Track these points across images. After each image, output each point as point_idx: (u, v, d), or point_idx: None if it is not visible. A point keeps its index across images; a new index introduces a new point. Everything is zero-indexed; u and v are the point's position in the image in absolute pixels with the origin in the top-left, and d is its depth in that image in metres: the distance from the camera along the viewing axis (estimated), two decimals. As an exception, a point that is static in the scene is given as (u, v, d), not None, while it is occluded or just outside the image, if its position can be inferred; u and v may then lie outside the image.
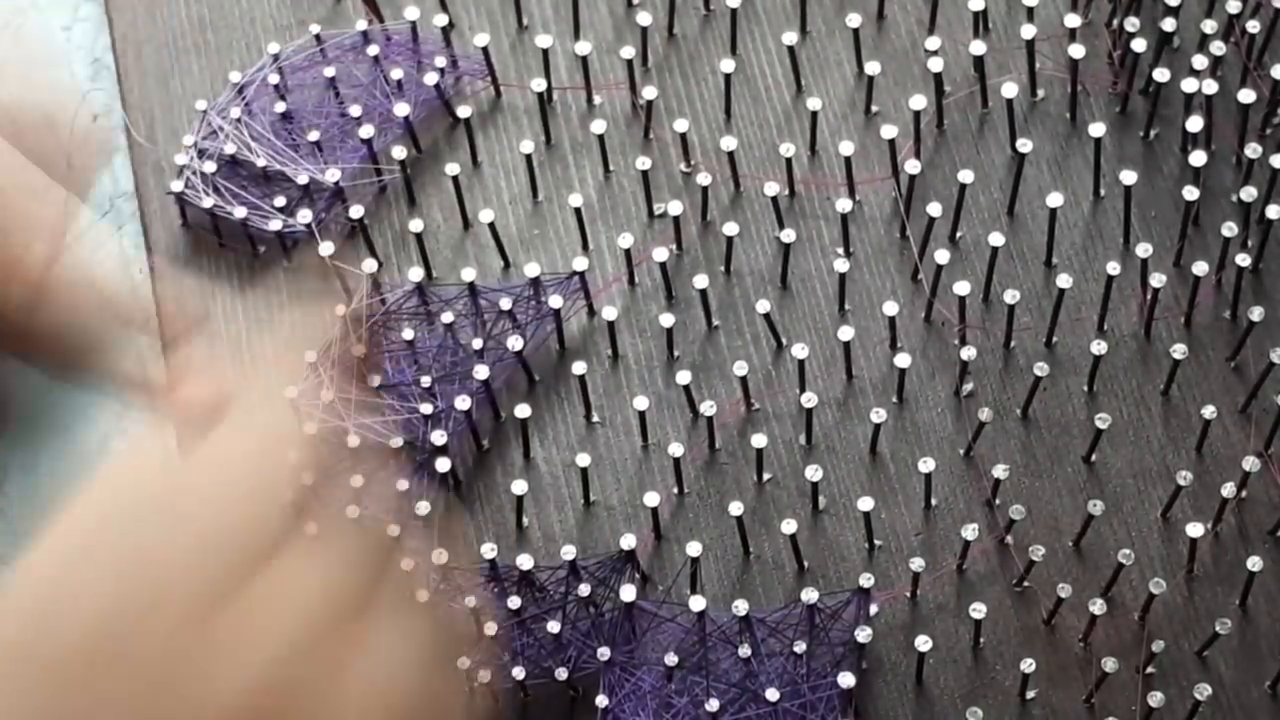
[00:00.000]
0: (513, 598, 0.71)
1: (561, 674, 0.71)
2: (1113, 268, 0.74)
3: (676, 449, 0.73)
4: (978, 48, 0.79)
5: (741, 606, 0.70)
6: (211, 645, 0.53)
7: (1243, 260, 0.75)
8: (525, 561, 0.71)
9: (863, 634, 0.70)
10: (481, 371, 0.74)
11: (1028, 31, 0.78)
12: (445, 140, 0.81)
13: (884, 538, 0.74)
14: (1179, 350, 0.73)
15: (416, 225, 0.78)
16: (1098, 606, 0.70)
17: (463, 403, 0.74)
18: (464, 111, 0.80)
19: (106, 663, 0.53)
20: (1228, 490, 0.72)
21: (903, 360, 0.75)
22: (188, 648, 0.53)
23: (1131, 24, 0.78)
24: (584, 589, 0.71)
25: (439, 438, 0.73)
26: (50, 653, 0.53)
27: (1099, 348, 0.74)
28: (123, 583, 0.54)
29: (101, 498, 0.57)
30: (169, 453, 0.60)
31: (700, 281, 0.76)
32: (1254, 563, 0.70)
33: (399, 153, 0.79)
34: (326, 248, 0.78)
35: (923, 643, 0.70)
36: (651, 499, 0.72)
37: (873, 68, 0.79)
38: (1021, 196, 0.78)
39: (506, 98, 0.82)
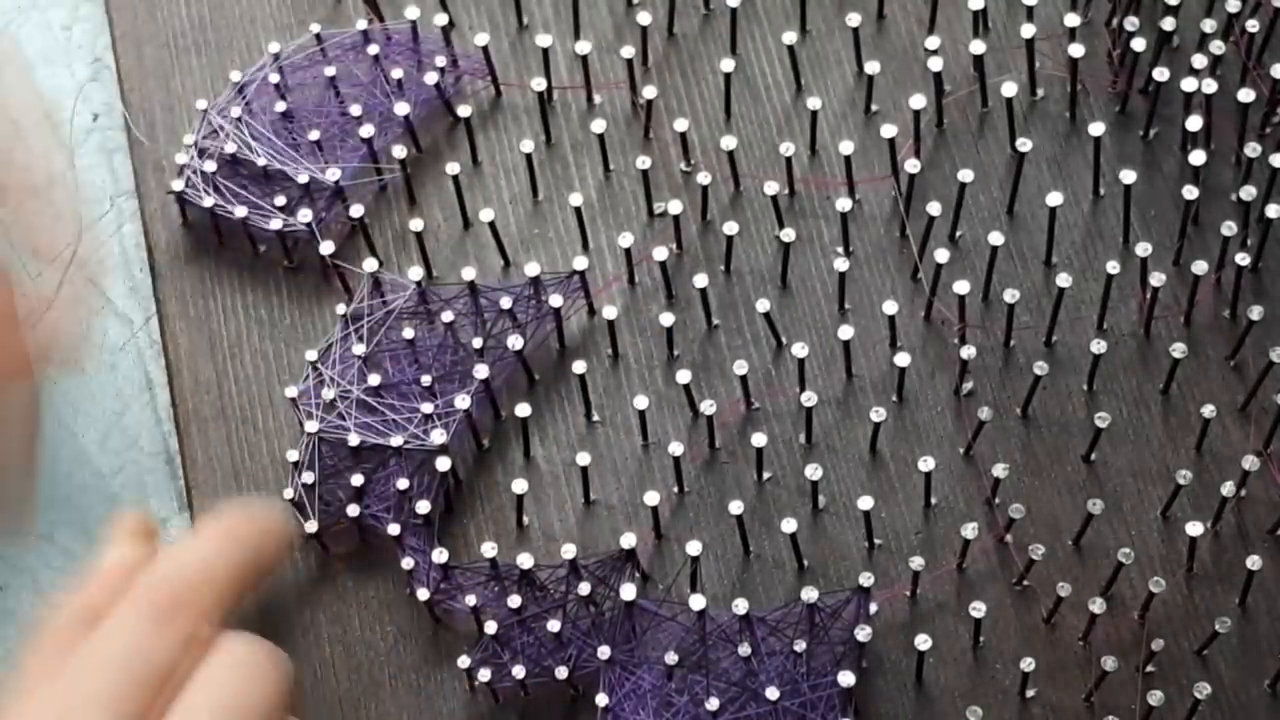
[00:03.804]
0: (513, 597, 0.71)
1: (562, 673, 0.71)
2: (1112, 267, 0.74)
3: (676, 448, 0.73)
4: (977, 47, 0.79)
5: (741, 605, 0.70)
6: None
7: (1242, 259, 0.75)
8: (525, 560, 0.71)
9: (863, 633, 0.70)
10: (481, 371, 0.74)
11: (1027, 31, 0.78)
12: (445, 140, 0.81)
13: (884, 537, 0.74)
14: (1178, 349, 0.73)
15: (417, 224, 0.78)
16: (1097, 605, 0.70)
17: (463, 402, 0.74)
18: (464, 111, 0.80)
19: None
20: (1227, 489, 0.72)
21: (902, 359, 0.75)
22: None
23: (1131, 23, 0.78)
24: (584, 588, 0.71)
25: (439, 437, 0.74)
26: None
27: (1098, 347, 0.74)
28: None
29: None
30: None
31: (700, 281, 0.76)
32: (1254, 562, 0.70)
33: (399, 152, 0.79)
34: (327, 247, 0.78)
35: (923, 641, 0.70)
36: (651, 498, 0.72)
37: (872, 67, 0.79)
38: (1021, 196, 0.78)
39: (506, 97, 0.82)
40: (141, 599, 0.64)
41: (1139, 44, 0.78)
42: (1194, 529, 0.71)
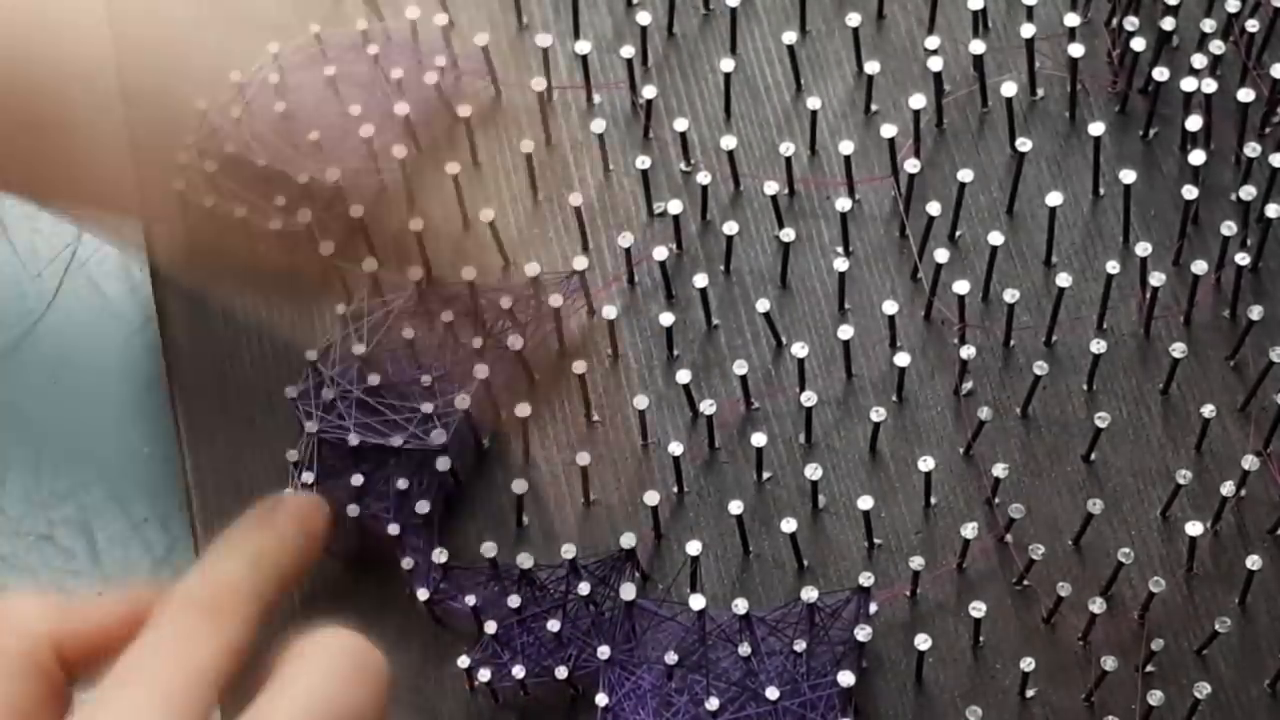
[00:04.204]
0: (513, 596, 0.71)
1: (561, 672, 0.71)
2: (1112, 267, 0.74)
3: (676, 448, 0.73)
4: (977, 47, 0.79)
5: (741, 605, 0.70)
6: None
7: (1242, 259, 0.75)
8: (525, 560, 0.71)
9: (862, 633, 0.70)
10: (481, 370, 0.74)
11: (1027, 31, 0.78)
12: (445, 139, 0.81)
13: (884, 536, 0.74)
14: (1178, 349, 0.73)
15: (417, 224, 0.78)
16: (1097, 605, 0.70)
17: (463, 402, 0.74)
18: (464, 111, 0.80)
19: None
20: (1227, 489, 0.72)
21: (902, 359, 0.75)
22: None
23: (1131, 23, 0.78)
24: (584, 588, 0.71)
25: (439, 437, 0.74)
26: None
27: (1098, 346, 0.74)
28: None
29: None
30: None
31: (700, 280, 0.76)
32: (1253, 561, 0.70)
33: (399, 152, 0.79)
34: (326, 247, 0.78)
35: (922, 641, 0.70)
36: (651, 498, 0.72)
37: (872, 67, 0.79)
38: (1021, 195, 0.78)
39: (506, 97, 0.82)
40: (178, 604, 0.57)
41: (1139, 44, 0.78)
42: (1194, 529, 0.71)
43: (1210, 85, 0.76)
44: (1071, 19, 0.79)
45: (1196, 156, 0.76)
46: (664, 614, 0.72)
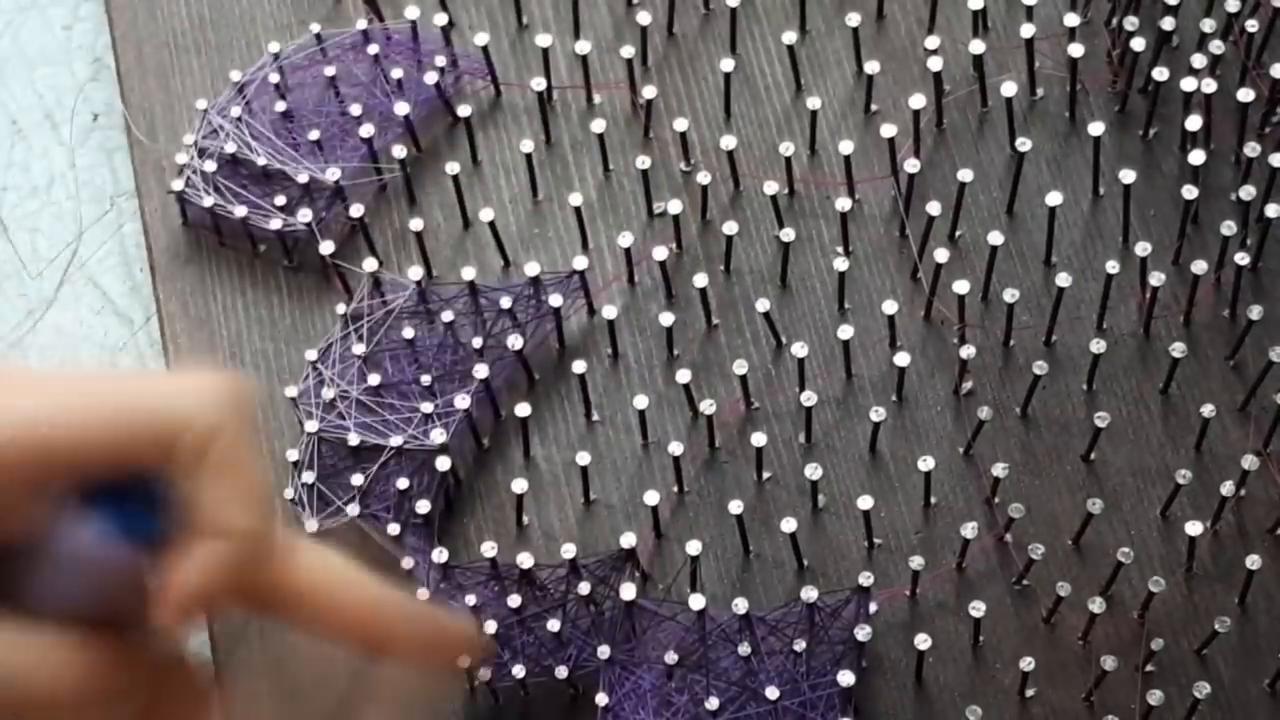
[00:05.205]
0: (513, 596, 0.71)
1: (562, 672, 0.71)
2: (1112, 266, 0.74)
3: (676, 448, 0.73)
4: (977, 47, 0.79)
5: (741, 605, 0.70)
6: None
7: (1242, 259, 0.75)
8: (525, 560, 0.71)
9: (862, 632, 0.70)
10: (481, 371, 0.74)
11: (1027, 30, 0.78)
12: (445, 139, 0.81)
13: (884, 536, 0.74)
14: (1178, 349, 0.73)
15: (417, 224, 0.78)
16: (1097, 605, 0.70)
17: (463, 402, 0.74)
18: (464, 111, 0.80)
19: None
20: (1227, 489, 0.72)
21: (902, 359, 0.75)
22: None
23: (1130, 23, 0.78)
24: (584, 587, 0.71)
25: (439, 437, 0.74)
26: None
27: (1098, 346, 0.74)
28: None
29: None
30: None
31: (700, 280, 0.76)
32: (1253, 561, 0.70)
33: (399, 152, 0.79)
34: (327, 247, 0.78)
35: (922, 641, 0.70)
36: (651, 498, 0.72)
37: (872, 67, 0.79)
38: (1021, 195, 0.79)
39: (506, 97, 0.82)
40: None
41: (1138, 44, 0.78)
42: (1193, 528, 0.71)
43: (1210, 85, 0.76)
44: (1071, 19, 0.79)
45: (1196, 156, 0.76)
46: (664, 614, 0.72)
